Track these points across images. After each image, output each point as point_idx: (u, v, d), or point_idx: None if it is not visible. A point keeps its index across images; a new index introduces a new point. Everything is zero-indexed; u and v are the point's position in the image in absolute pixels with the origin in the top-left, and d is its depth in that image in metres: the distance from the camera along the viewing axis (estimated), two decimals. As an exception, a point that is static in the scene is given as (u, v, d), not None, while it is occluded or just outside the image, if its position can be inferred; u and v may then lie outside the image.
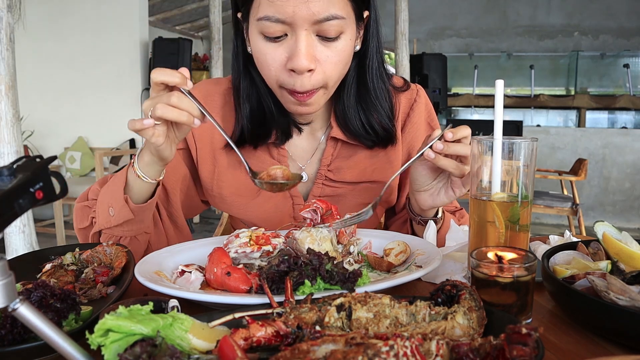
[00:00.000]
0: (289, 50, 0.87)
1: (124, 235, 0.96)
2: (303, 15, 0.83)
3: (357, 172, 1.08)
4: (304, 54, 0.85)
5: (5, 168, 0.42)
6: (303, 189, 1.10)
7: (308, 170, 1.10)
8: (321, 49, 0.88)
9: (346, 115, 1.02)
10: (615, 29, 7.22)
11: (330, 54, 0.88)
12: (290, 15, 0.83)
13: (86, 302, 0.72)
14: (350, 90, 1.01)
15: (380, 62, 1.02)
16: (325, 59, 0.88)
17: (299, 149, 1.09)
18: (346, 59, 0.92)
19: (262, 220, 1.08)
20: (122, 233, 0.95)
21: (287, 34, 0.86)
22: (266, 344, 0.50)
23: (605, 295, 0.60)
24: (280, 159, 1.07)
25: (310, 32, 0.86)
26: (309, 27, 0.85)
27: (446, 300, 0.59)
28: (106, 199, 0.94)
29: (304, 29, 0.85)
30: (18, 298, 0.41)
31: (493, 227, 0.72)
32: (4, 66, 2.75)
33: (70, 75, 5.42)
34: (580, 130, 6.08)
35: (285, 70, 0.89)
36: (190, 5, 7.10)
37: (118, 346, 0.46)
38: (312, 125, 1.09)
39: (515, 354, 0.44)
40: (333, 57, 0.89)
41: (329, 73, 0.90)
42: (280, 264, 0.66)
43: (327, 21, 0.85)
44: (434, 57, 5.77)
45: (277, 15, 0.84)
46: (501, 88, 0.74)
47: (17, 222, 2.84)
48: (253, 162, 1.06)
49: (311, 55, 0.86)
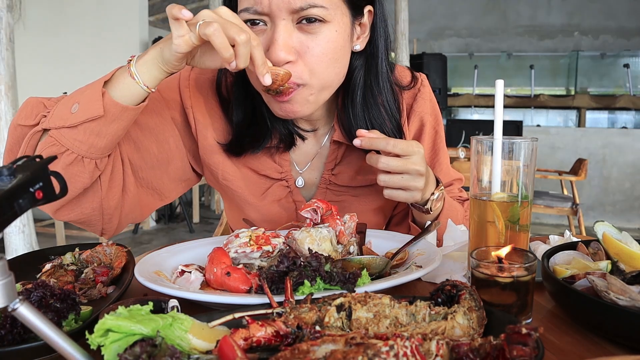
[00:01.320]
0: (267, 42, 0.83)
1: (71, 149, 0.79)
2: (278, 4, 0.80)
3: (362, 175, 1.04)
4: (280, 44, 0.81)
5: (5, 168, 0.42)
6: (307, 194, 1.07)
7: (311, 175, 1.07)
8: (302, 39, 0.83)
9: (350, 119, 0.98)
10: (615, 29, 7.23)
11: (312, 45, 0.83)
12: (266, 5, 0.80)
13: (86, 302, 0.72)
14: (357, 92, 0.97)
15: (389, 64, 0.99)
16: (306, 50, 0.83)
17: (302, 153, 1.06)
18: (333, 52, 0.86)
19: (264, 223, 1.05)
20: (73, 143, 0.79)
21: (267, 24, 0.83)
22: (266, 344, 0.50)
23: (605, 295, 0.60)
24: (282, 162, 1.04)
25: (289, 21, 0.82)
26: (287, 17, 0.81)
27: (446, 300, 0.59)
28: (73, 96, 0.81)
29: (282, 19, 0.81)
30: (18, 298, 0.41)
31: (493, 227, 0.72)
32: (4, 66, 2.75)
33: (70, 75, 5.42)
34: (581, 130, 6.09)
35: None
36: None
37: (118, 346, 0.46)
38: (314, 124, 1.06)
39: (515, 354, 0.44)
40: (315, 49, 0.84)
41: (311, 66, 0.84)
42: (279, 264, 0.66)
43: (305, 10, 0.80)
44: (434, 57, 5.77)
45: (255, 7, 0.81)
46: (501, 88, 0.74)
47: (17, 222, 2.84)
48: (254, 163, 1.03)
49: (288, 46, 0.82)
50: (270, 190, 1.05)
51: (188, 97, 1.01)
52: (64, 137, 0.79)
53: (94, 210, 0.89)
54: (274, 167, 1.04)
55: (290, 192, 1.06)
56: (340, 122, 1.01)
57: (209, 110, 1.02)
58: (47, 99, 0.86)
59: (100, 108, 0.77)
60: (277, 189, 1.05)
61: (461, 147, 4.44)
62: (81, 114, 0.77)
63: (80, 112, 0.78)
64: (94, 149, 0.81)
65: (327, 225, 0.83)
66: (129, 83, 0.79)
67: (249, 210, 1.08)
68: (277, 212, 1.06)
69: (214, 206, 6.51)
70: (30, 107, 0.84)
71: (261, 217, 1.07)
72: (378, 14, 0.94)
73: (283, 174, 1.04)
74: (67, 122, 0.78)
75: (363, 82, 0.97)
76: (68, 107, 0.79)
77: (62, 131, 0.79)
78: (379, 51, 0.96)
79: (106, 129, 0.79)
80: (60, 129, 0.79)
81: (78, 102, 0.79)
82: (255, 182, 1.06)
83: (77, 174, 0.81)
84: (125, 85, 0.79)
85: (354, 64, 0.96)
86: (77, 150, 0.79)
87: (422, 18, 7.52)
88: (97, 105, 0.77)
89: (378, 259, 0.78)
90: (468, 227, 0.80)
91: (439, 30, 7.78)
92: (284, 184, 1.05)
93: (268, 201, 1.06)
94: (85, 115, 0.77)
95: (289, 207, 1.06)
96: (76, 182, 0.82)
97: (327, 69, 0.87)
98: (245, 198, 1.06)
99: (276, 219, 1.06)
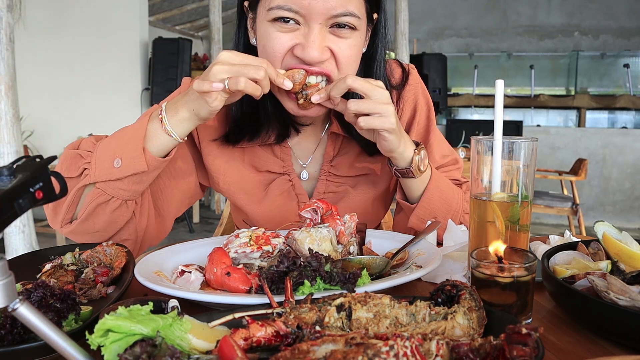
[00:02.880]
0: (300, 39, 0.87)
1: (117, 196, 0.90)
2: (319, 8, 0.84)
3: (359, 165, 1.08)
4: (317, 45, 0.86)
5: (5, 168, 0.42)
6: (308, 187, 1.10)
7: (311, 167, 1.10)
8: (333, 41, 0.88)
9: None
10: (615, 29, 7.22)
11: (342, 48, 0.89)
12: (305, 6, 0.84)
13: (86, 302, 0.72)
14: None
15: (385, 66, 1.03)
16: (338, 50, 0.89)
17: (302, 146, 1.09)
18: (356, 57, 0.92)
19: (267, 219, 1.07)
20: (118, 192, 0.89)
21: (299, 24, 0.87)
22: (266, 344, 0.50)
23: (605, 295, 0.60)
24: (283, 157, 1.07)
25: (324, 25, 0.86)
26: (323, 22, 0.86)
27: (446, 300, 0.59)
28: (112, 149, 0.89)
29: (318, 23, 0.86)
30: (18, 298, 0.41)
31: (493, 227, 0.72)
32: (4, 66, 2.76)
33: (70, 75, 5.42)
34: (580, 130, 6.09)
35: (291, 57, 0.88)
36: (190, 5, 7.11)
37: (118, 346, 0.46)
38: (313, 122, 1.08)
39: (515, 354, 0.44)
40: (346, 51, 0.89)
41: (342, 66, 0.90)
42: (279, 264, 0.66)
43: (342, 17, 0.86)
44: (434, 57, 5.77)
45: (291, 5, 0.84)
46: (501, 88, 0.74)
47: (17, 222, 2.84)
48: (255, 160, 1.06)
49: (322, 46, 0.87)
50: (272, 185, 1.08)
51: None
52: (109, 187, 0.89)
53: (130, 236, 0.98)
54: (276, 162, 1.06)
55: (292, 186, 1.08)
56: (337, 115, 1.03)
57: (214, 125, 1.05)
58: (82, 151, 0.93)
59: (144, 164, 0.87)
60: (280, 183, 1.08)
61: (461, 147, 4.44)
62: (125, 169, 0.87)
63: (124, 167, 0.87)
64: (136, 194, 0.92)
65: (327, 225, 0.83)
66: (165, 140, 0.88)
67: (251, 210, 1.09)
68: (279, 207, 1.08)
69: (214, 206, 6.51)
70: (69, 159, 0.93)
71: (263, 215, 1.09)
72: (381, 21, 0.98)
73: (285, 168, 1.07)
74: (113, 176, 0.88)
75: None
76: (109, 161, 0.88)
77: (108, 183, 0.89)
78: (378, 54, 1.00)
79: (147, 178, 0.91)
80: (107, 183, 0.88)
81: (120, 157, 0.87)
82: (256, 182, 1.07)
83: (121, 215, 0.93)
84: (161, 142, 0.88)
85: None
86: (122, 197, 0.91)
87: (422, 18, 7.52)
88: (140, 162, 0.87)
89: (378, 259, 0.78)
90: (468, 227, 0.80)
91: (439, 30, 7.78)
92: (286, 178, 1.08)
93: (270, 196, 1.07)
94: (130, 171, 0.87)
95: (291, 201, 1.08)
96: (121, 221, 0.94)
97: (349, 72, 0.92)
98: (247, 201, 1.08)
99: (278, 214, 1.08)
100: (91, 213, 0.90)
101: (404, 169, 0.97)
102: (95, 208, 0.90)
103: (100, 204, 0.90)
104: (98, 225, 0.92)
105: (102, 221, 0.92)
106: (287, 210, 1.08)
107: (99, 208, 0.90)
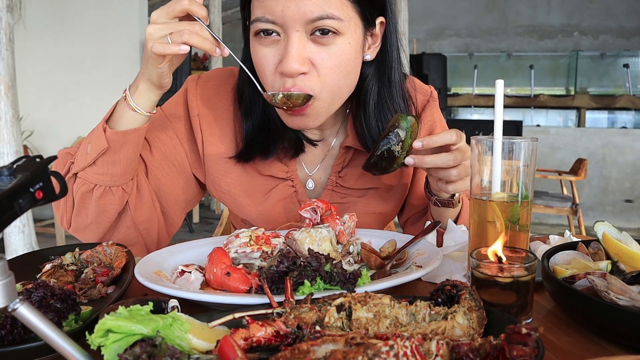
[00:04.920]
0: (280, 52, 0.84)
1: (98, 182, 0.90)
2: (292, 14, 0.80)
3: (367, 178, 1.05)
4: (293, 56, 0.81)
5: (5, 168, 0.42)
6: (312, 196, 1.07)
7: (317, 176, 1.07)
8: (316, 50, 0.84)
9: (363, 126, 0.99)
10: (615, 29, 7.22)
11: (326, 57, 0.84)
12: (279, 15, 0.81)
13: (86, 302, 0.72)
14: (369, 100, 0.97)
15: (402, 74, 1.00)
16: (320, 61, 0.84)
17: (309, 155, 1.06)
18: (346, 65, 0.87)
19: (266, 224, 1.05)
20: (97, 178, 0.90)
21: (280, 34, 0.84)
22: (266, 344, 0.50)
23: (605, 295, 0.60)
24: (288, 163, 1.04)
25: (303, 33, 0.82)
26: (301, 28, 0.81)
27: (446, 300, 0.59)
28: (87, 139, 0.91)
29: (296, 30, 0.81)
30: (18, 298, 0.41)
31: (493, 227, 0.72)
32: (4, 66, 2.75)
33: (70, 75, 5.42)
34: (580, 130, 6.08)
35: (278, 75, 0.85)
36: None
37: (118, 346, 0.46)
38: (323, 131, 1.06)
39: (515, 354, 0.44)
40: (329, 61, 0.84)
41: (324, 78, 0.85)
42: (279, 264, 0.66)
43: (320, 20, 0.81)
44: (433, 57, 5.76)
45: (267, 16, 0.82)
46: (501, 88, 0.74)
47: (17, 222, 2.84)
48: (262, 168, 1.04)
49: (302, 57, 0.82)
50: (274, 191, 1.06)
51: (195, 106, 1.04)
52: (89, 174, 0.90)
53: (129, 229, 0.98)
54: (280, 168, 1.04)
55: (295, 192, 1.06)
56: (355, 128, 1.02)
57: (217, 120, 1.04)
58: (73, 149, 0.96)
59: (104, 142, 0.87)
60: (282, 189, 1.05)
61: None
62: (93, 152, 0.88)
63: (92, 150, 0.88)
64: (116, 177, 0.91)
65: (326, 225, 0.83)
66: (132, 117, 0.89)
67: (250, 213, 1.08)
68: (279, 213, 1.06)
69: (214, 206, 6.51)
70: (61, 159, 0.95)
71: (262, 219, 1.07)
72: (390, 24, 0.94)
73: (289, 174, 1.05)
74: (86, 161, 0.89)
75: (377, 90, 0.98)
76: (84, 149, 0.90)
77: (86, 170, 0.90)
78: (392, 60, 0.97)
79: (118, 156, 0.89)
80: (84, 170, 0.90)
81: (90, 142, 0.89)
82: (257, 185, 1.06)
83: (109, 203, 0.92)
84: (129, 119, 0.89)
85: (365, 73, 0.96)
86: (103, 183, 0.91)
87: (422, 18, 7.52)
88: (101, 140, 0.87)
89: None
90: (468, 227, 0.80)
91: (439, 30, 7.78)
92: (289, 184, 1.06)
93: (271, 202, 1.06)
94: (96, 151, 0.88)
95: (292, 208, 1.06)
96: (110, 209, 0.93)
97: (339, 81, 0.88)
98: (247, 203, 1.07)
99: (278, 219, 1.06)
100: (80, 204, 0.92)
101: (445, 200, 0.97)
102: (82, 198, 0.92)
103: (85, 193, 0.91)
104: (90, 216, 0.93)
105: (91, 211, 0.92)
106: (287, 218, 1.06)
107: (85, 197, 0.92)
